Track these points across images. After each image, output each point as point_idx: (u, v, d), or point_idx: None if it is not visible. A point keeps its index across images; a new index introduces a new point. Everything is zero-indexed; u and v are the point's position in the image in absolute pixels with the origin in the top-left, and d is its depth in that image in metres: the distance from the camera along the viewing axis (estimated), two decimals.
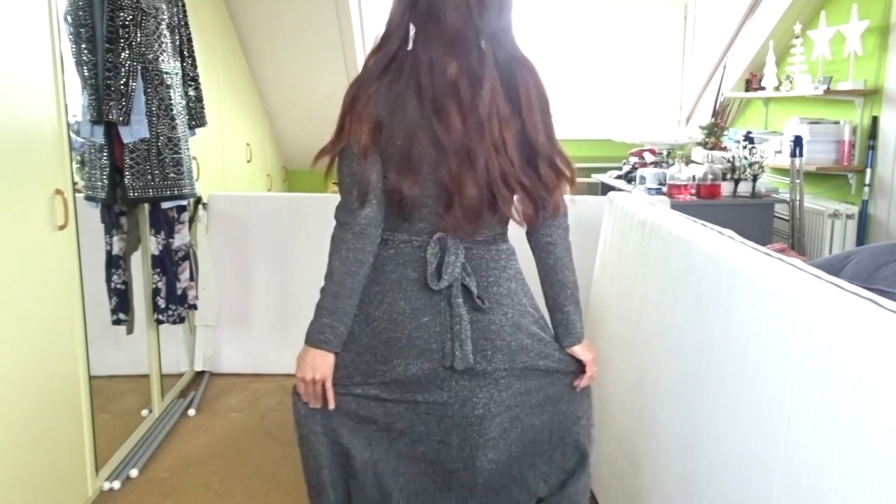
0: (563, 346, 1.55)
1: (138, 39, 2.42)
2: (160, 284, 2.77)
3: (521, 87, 1.37)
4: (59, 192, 2.06)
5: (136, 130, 2.43)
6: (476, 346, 1.43)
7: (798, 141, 3.84)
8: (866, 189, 3.80)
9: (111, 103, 2.33)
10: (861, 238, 3.82)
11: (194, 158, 2.91)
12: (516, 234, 1.58)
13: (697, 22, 5.86)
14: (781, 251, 1.88)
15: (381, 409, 1.47)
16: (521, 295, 1.54)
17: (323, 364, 1.44)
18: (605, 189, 4.51)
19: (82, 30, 2.30)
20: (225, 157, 3.87)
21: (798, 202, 3.90)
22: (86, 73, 2.33)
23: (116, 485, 2.38)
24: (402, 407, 1.47)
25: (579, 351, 1.55)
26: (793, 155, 3.86)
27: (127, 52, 2.36)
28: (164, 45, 2.58)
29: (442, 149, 1.35)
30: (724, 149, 4.28)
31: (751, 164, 3.73)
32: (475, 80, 1.34)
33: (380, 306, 1.44)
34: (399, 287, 1.43)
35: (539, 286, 1.65)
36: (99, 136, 2.40)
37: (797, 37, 4.21)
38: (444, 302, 1.43)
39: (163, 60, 2.56)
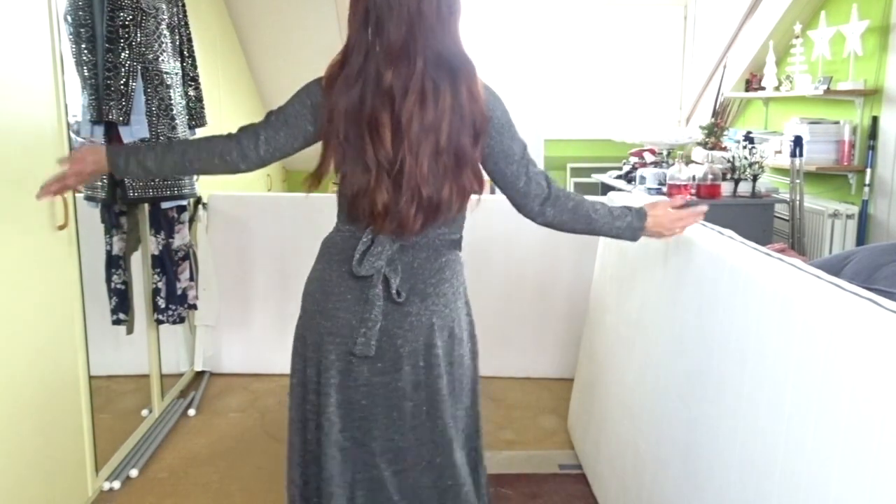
0: (643, 229, 1.66)
1: (138, 39, 2.42)
2: (160, 284, 2.77)
3: (441, 97, 1.45)
4: None
5: (136, 130, 2.43)
6: (386, 334, 1.54)
7: (798, 141, 3.84)
8: (866, 189, 3.79)
9: (111, 103, 2.33)
10: (861, 238, 3.82)
11: None
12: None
13: (697, 22, 5.86)
14: (781, 251, 1.88)
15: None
16: (450, 299, 1.61)
17: (93, 156, 1.59)
18: (605, 189, 4.51)
19: (82, 30, 2.30)
20: None
21: (798, 202, 3.90)
22: (86, 73, 2.33)
23: (116, 485, 2.38)
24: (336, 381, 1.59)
25: (654, 223, 1.66)
26: (793, 155, 3.85)
27: (127, 52, 2.36)
28: (164, 45, 2.58)
29: (367, 158, 1.46)
30: (724, 149, 4.28)
31: (751, 164, 3.73)
32: (403, 90, 1.43)
33: (318, 280, 1.60)
34: (338, 266, 1.57)
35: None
36: (99, 136, 2.39)
37: (797, 37, 4.21)
38: (367, 290, 1.54)
39: (163, 60, 2.56)
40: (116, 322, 2.62)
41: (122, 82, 2.35)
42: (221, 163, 1.56)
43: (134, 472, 2.46)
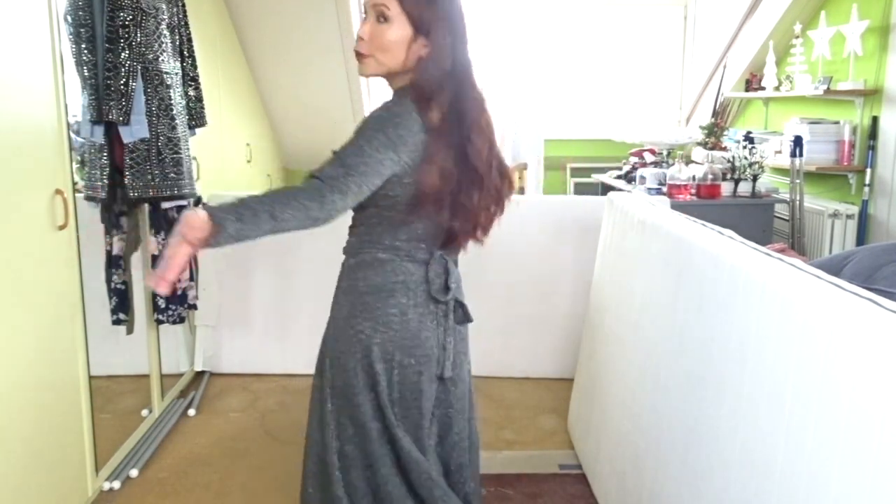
0: None
1: (138, 39, 2.42)
2: None
3: (485, 117, 1.53)
4: (59, 192, 2.06)
5: (136, 130, 2.43)
6: (455, 357, 1.59)
7: (798, 141, 3.84)
8: (866, 189, 3.79)
9: (111, 103, 2.33)
10: (861, 238, 3.82)
11: (194, 158, 2.91)
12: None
13: (697, 22, 5.86)
14: (781, 251, 1.88)
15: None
16: None
17: (200, 223, 1.37)
18: (605, 189, 4.51)
19: (82, 30, 2.30)
20: (225, 157, 3.87)
21: (798, 202, 3.90)
22: (86, 73, 2.32)
23: (116, 485, 2.38)
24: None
25: None
26: (793, 155, 3.85)
27: (127, 52, 2.36)
28: (164, 45, 2.58)
29: (480, 165, 1.50)
30: (724, 149, 4.28)
31: (751, 164, 3.73)
32: (482, 101, 1.51)
33: (387, 312, 1.52)
34: (407, 297, 1.51)
35: None
36: (99, 136, 2.39)
37: (797, 37, 4.21)
38: (441, 314, 1.55)
39: (163, 60, 2.56)
40: (116, 322, 2.62)
41: (122, 82, 2.35)
42: (311, 223, 1.38)
43: (134, 472, 2.46)
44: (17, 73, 1.89)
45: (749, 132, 4.24)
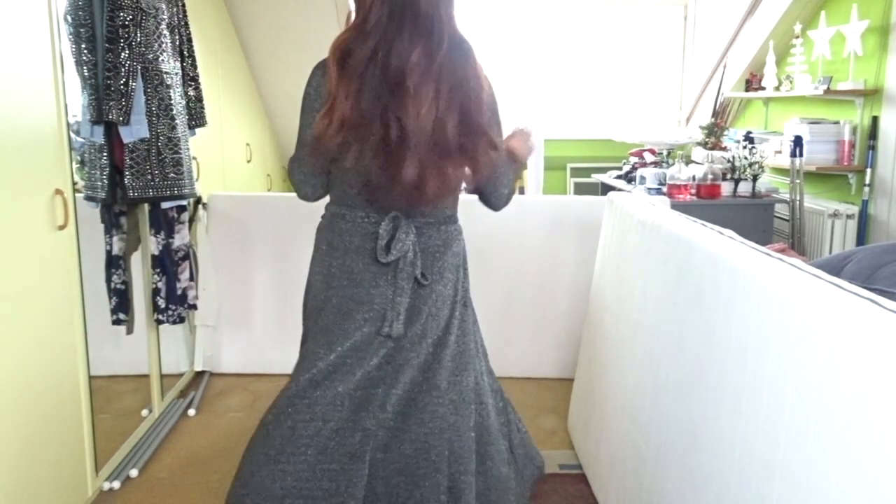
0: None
1: (138, 39, 2.42)
2: (160, 284, 2.76)
3: (460, 70, 1.54)
4: (59, 192, 2.06)
5: (136, 130, 2.43)
6: (411, 312, 1.65)
7: (798, 141, 3.85)
8: (866, 189, 3.80)
9: (111, 103, 2.33)
10: (861, 238, 3.82)
11: (194, 158, 2.91)
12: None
13: (697, 22, 5.86)
14: (781, 251, 1.88)
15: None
16: (458, 271, 1.74)
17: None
18: (605, 189, 4.51)
19: (82, 30, 2.30)
20: (225, 157, 3.87)
21: (798, 202, 3.90)
22: (86, 73, 2.32)
23: (116, 485, 2.38)
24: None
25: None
26: (793, 155, 3.86)
27: (127, 52, 2.36)
28: (164, 45, 2.58)
29: (397, 131, 1.50)
30: (724, 149, 4.28)
31: (751, 164, 3.73)
32: (430, 63, 1.50)
33: (340, 268, 1.64)
34: (357, 254, 1.63)
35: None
36: (99, 136, 2.39)
37: (797, 37, 4.21)
38: (391, 274, 1.62)
39: (163, 60, 2.56)
40: (116, 322, 2.62)
41: (122, 82, 2.35)
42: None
43: (134, 472, 2.46)
44: (17, 73, 1.89)
45: (749, 132, 4.24)
